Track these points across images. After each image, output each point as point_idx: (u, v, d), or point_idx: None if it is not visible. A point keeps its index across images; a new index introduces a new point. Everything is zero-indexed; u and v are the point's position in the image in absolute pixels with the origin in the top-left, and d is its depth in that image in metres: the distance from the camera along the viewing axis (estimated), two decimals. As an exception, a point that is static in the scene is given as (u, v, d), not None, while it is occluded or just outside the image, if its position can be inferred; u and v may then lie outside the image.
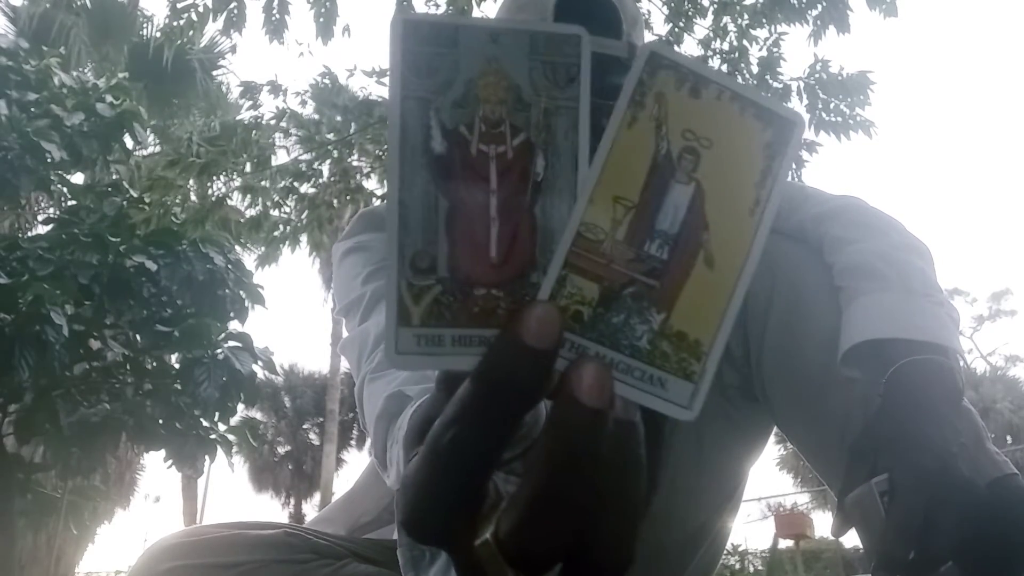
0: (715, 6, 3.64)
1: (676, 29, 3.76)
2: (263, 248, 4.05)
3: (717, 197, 0.30)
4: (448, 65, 0.31)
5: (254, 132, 3.79)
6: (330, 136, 4.25)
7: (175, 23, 3.21)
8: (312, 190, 4.08)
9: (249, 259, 5.63)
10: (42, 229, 5.84)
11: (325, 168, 4.16)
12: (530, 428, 0.30)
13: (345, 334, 0.94)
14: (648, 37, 3.87)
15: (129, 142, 4.86)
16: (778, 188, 0.31)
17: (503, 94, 0.31)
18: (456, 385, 0.29)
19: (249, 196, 3.93)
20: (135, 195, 4.54)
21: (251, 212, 4.03)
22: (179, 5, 3.17)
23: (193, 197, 4.15)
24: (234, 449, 4.68)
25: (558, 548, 0.28)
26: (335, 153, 4.31)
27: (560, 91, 0.32)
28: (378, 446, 0.70)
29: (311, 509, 18.38)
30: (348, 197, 4.29)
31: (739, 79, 3.61)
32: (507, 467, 0.30)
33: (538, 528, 0.27)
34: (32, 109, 4.28)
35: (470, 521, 0.28)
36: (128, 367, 4.51)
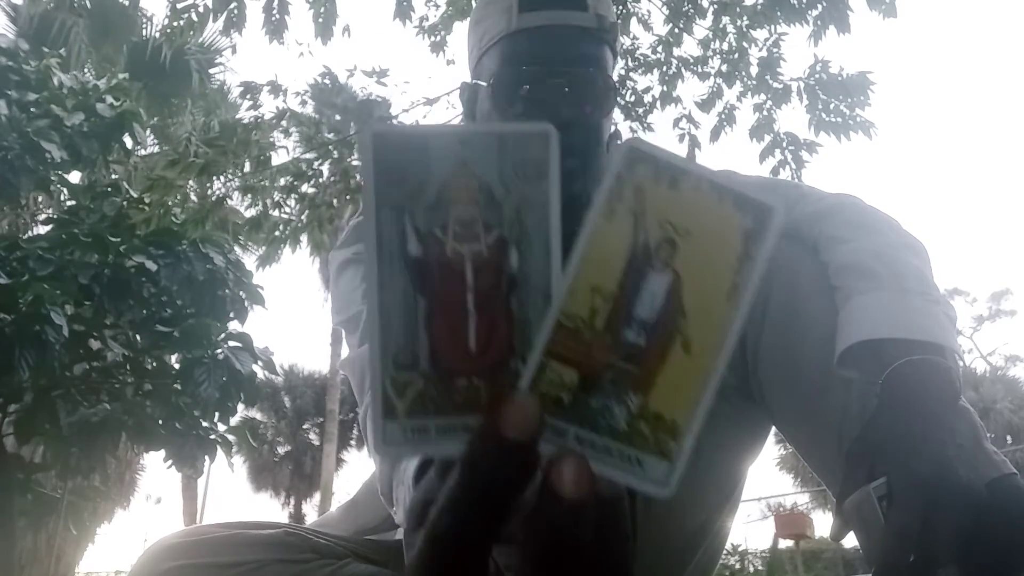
0: (715, 7, 3.64)
1: (676, 29, 3.76)
2: (263, 248, 4.05)
3: (694, 284, 0.31)
4: (420, 171, 0.32)
5: (254, 132, 3.78)
6: (330, 136, 4.25)
7: (175, 23, 3.21)
8: (312, 190, 4.08)
9: (249, 259, 5.64)
10: (42, 229, 5.84)
11: (325, 168, 4.16)
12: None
13: (344, 343, 0.94)
14: (647, 38, 3.88)
15: (129, 142, 4.86)
16: (756, 273, 0.32)
17: (475, 194, 0.32)
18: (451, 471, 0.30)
19: (249, 196, 3.93)
20: (135, 195, 4.54)
21: (251, 212, 4.03)
22: (179, 5, 3.17)
23: (193, 197, 4.15)
24: (234, 449, 4.68)
25: None
26: (335, 153, 4.31)
27: (531, 186, 0.33)
28: (384, 484, 0.71)
29: (311, 509, 18.39)
30: (348, 197, 4.29)
31: (739, 80, 3.61)
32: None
33: None
34: (32, 109, 4.27)
35: None
36: (128, 367, 4.51)
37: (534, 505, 0.28)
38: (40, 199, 6.52)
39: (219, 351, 4.28)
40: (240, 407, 4.52)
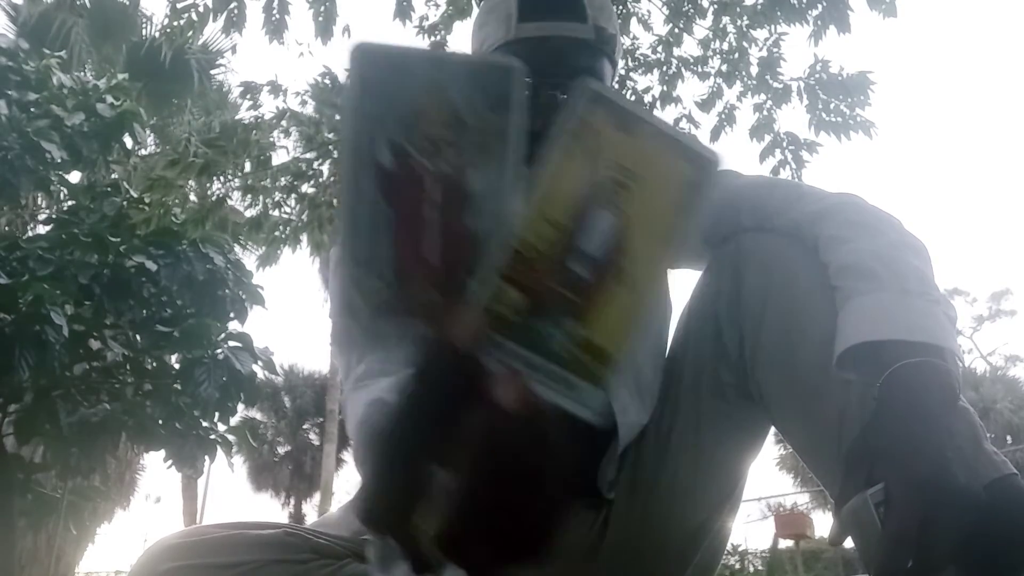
0: (715, 7, 3.64)
1: (676, 29, 3.76)
2: (263, 248, 4.05)
3: (639, 226, 0.34)
4: (397, 88, 0.34)
5: (254, 132, 3.78)
6: (330, 136, 4.25)
7: (175, 23, 3.21)
8: (312, 190, 4.08)
9: (249, 259, 5.64)
10: (42, 229, 5.84)
11: (325, 168, 4.16)
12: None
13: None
14: (647, 38, 3.88)
15: (129, 142, 4.86)
16: (694, 222, 0.34)
17: (445, 116, 0.34)
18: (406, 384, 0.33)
19: (249, 196, 3.93)
20: (135, 195, 4.54)
21: (251, 212, 4.03)
22: (179, 5, 3.17)
23: (193, 197, 4.15)
24: (234, 449, 4.68)
25: (487, 539, 0.31)
26: (335, 153, 4.31)
27: (495, 116, 0.35)
28: (359, 452, 0.71)
29: (311, 509, 18.38)
30: (348, 197, 4.28)
31: (739, 80, 3.61)
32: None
33: (467, 524, 0.30)
34: (32, 109, 4.27)
35: (412, 510, 0.31)
36: (128, 367, 4.51)
37: (475, 415, 0.30)
38: (40, 199, 6.52)
39: (219, 351, 4.28)
40: (240, 407, 4.53)
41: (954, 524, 0.57)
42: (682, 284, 1.07)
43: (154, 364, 4.61)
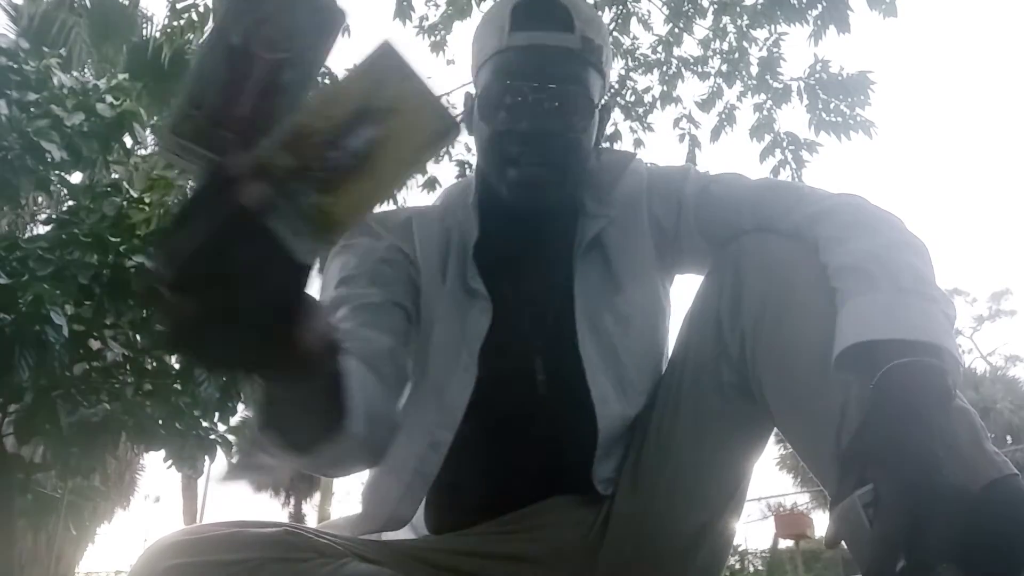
0: (715, 6, 3.65)
1: (676, 29, 3.76)
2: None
3: (391, 144, 0.46)
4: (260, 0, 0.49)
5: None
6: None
7: (175, 23, 3.22)
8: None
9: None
10: (42, 229, 5.84)
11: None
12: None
13: None
14: (647, 38, 3.88)
15: (129, 142, 4.85)
16: (424, 158, 0.48)
17: (283, 26, 0.49)
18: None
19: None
20: (135, 195, 4.54)
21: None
22: (179, 5, 3.17)
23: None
24: (234, 449, 4.68)
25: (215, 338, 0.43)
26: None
27: (314, 39, 0.50)
28: None
29: (311, 509, 18.35)
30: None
31: (739, 80, 3.62)
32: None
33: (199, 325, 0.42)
34: (32, 109, 4.26)
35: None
36: (128, 367, 4.50)
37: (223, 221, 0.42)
38: (40, 199, 6.52)
39: (219, 351, 4.26)
40: (240, 407, 4.52)
41: (945, 524, 0.57)
42: (683, 287, 1.08)
43: (154, 364, 4.60)
